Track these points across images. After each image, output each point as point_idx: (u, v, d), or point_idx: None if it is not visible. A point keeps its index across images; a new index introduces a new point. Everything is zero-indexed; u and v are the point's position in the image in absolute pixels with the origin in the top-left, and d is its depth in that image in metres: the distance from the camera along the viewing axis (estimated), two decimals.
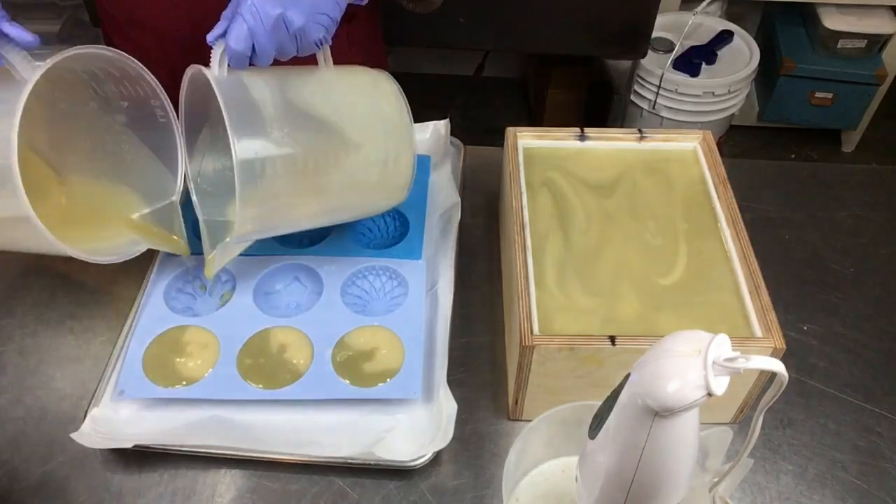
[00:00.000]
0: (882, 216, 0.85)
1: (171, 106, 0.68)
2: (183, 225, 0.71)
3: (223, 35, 0.57)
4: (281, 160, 0.59)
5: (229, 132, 0.56)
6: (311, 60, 0.63)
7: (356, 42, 0.85)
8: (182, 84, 0.64)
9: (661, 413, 0.38)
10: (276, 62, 0.59)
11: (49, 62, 0.56)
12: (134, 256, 0.66)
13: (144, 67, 0.64)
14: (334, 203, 0.67)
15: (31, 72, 0.55)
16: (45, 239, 0.57)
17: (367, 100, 0.66)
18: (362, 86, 0.67)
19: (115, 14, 0.82)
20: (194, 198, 0.70)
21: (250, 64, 0.58)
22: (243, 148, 0.57)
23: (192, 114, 0.68)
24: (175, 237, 0.70)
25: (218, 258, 0.67)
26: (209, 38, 0.57)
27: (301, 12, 0.56)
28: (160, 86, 0.66)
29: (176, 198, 0.71)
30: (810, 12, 1.91)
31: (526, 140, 0.76)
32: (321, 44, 0.60)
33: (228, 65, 0.58)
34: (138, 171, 0.71)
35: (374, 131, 0.65)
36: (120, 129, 0.70)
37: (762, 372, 0.48)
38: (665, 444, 0.40)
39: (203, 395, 0.64)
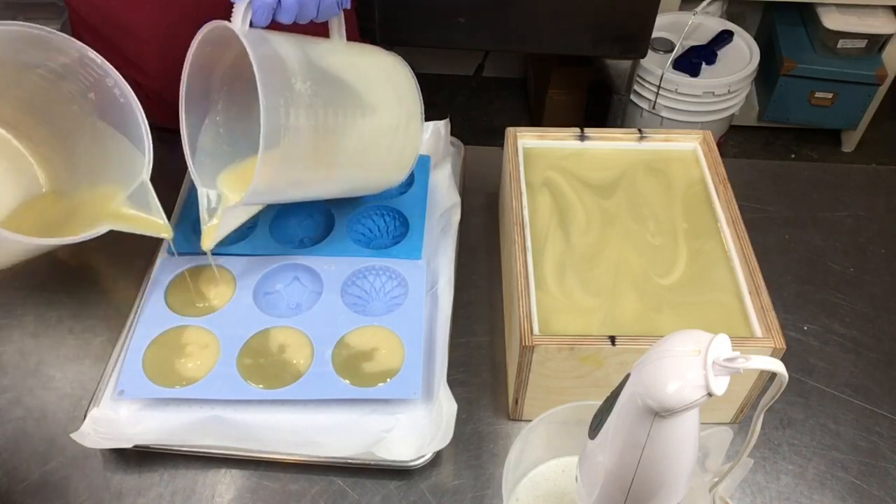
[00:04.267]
0: (882, 216, 0.85)
1: (125, 83, 0.67)
2: (159, 204, 0.69)
3: None
4: (304, 113, 0.60)
5: (259, 83, 0.55)
6: (323, 33, 0.64)
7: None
8: (191, 46, 0.63)
9: (661, 413, 0.38)
10: (288, 30, 0.60)
11: None
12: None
13: (83, 45, 0.63)
14: (345, 165, 0.67)
15: None
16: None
17: (379, 67, 0.68)
18: (373, 55, 0.69)
19: (86, 12, 0.79)
20: (192, 168, 0.69)
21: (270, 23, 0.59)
22: (271, 99, 0.57)
23: (192, 91, 0.67)
24: (154, 218, 0.69)
25: (223, 223, 0.66)
26: None
27: None
28: (107, 62, 0.65)
29: (146, 176, 0.69)
30: (810, 12, 1.90)
31: (526, 140, 0.76)
32: (341, 5, 0.61)
33: (251, 22, 0.58)
34: (110, 158, 0.70)
35: (388, 96, 0.67)
36: (91, 118, 0.69)
37: (762, 372, 0.48)
38: (665, 444, 0.40)
39: (203, 395, 0.64)
